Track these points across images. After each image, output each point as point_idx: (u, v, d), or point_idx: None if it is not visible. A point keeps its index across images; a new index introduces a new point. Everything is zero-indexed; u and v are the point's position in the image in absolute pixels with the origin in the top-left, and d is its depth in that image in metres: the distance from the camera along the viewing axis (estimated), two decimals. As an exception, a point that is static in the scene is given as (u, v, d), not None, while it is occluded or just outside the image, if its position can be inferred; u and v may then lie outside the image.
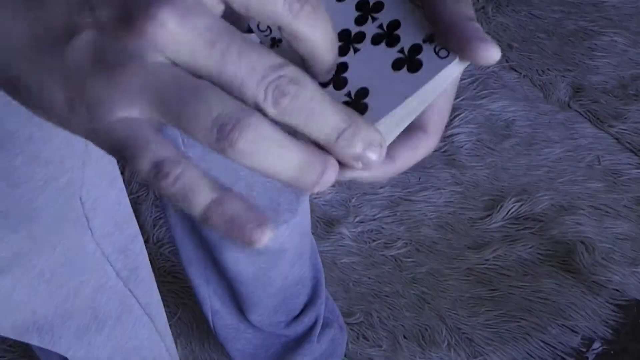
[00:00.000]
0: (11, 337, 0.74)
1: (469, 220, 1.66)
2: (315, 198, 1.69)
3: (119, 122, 0.31)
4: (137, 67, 0.30)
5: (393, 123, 0.37)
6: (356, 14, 0.39)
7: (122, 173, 1.67)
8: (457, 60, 0.36)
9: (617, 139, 1.80)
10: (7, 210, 0.60)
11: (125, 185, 0.76)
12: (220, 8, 0.32)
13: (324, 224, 1.65)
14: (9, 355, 1.43)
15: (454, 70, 0.37)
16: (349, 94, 0.37)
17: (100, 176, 0.70)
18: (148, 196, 1.69)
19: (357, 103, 0.37)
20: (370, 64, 0.38)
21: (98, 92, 0.31)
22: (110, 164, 0.72)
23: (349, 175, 0.37)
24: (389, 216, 1.67)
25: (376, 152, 0.34)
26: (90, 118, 0.31)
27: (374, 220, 1.66)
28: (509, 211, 1.65)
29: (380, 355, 1.44)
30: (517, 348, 1.44)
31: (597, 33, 2.08)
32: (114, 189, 0.73)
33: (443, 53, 0.36)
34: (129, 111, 0.31)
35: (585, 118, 1.86)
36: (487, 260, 1.57)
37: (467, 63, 0.37)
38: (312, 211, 1.62)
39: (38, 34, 0.32)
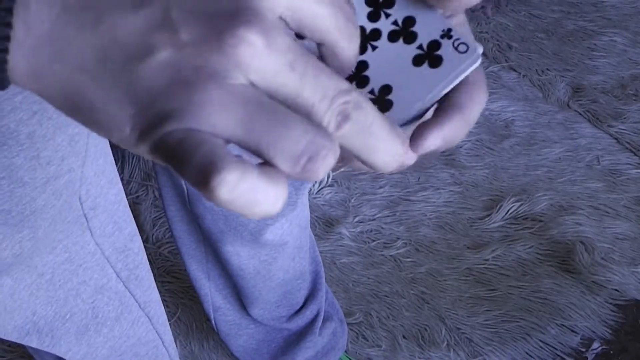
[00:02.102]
0: (12, 339, 0.74)
1: (468, 220, 1.66)
2: (315, 198, 1.69)
3: (181, 130, 0.30)
4: (217, 85, 0.30)
5: (413, 115, 0.38)
6: (368, 9, 0.39)
7: (121, 172, 1.66)
8: (477, 54, 0.37)
9: (616, 138, 1.80)
10: (10, 209, 0.60)
11: (125, 185, 0.76)
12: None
13: (323, 224, 1.65)
14: (9, 355, 1.43)
15: (473, 62, 0.37)
16: (372, 92, 0.38)
17: (99, 175, 0.70)
18: (147, 196, 1.69)
19: (382, 100, 0.37)
20: (390, 61, 0.38)
21: (171, 105, 0.30)
22: (108, 163, 0.72)
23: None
24: (388, 216, 1.67)
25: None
26: (155, 131, 0.30)
27: (374, 220, 1.66)
28: (508, 211, 1.65)
29: (380, 355, 1.44)
30: (517, 348, 1.44)
31: (596, 33, 2.08)
32: (113, 188, 0.73)
33: (462, 48, 0.37)
34: (201, 126, 0.30)
35: (585, 118, 1.86)
36: (486, 260, 1.57)
37: (480, 57, 0.37)
38: (311, 211, 1.63)
39: (106, 50, 0.31)
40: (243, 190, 0.29)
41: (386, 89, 0.37)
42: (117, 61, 0.31)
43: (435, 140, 0.37)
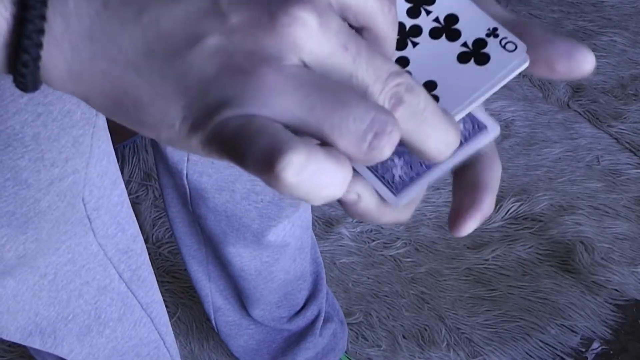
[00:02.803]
0: (14, 340, 0.74)
1: (468, 220, 1.66)
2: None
3: (239, 117, 0.29)
4: (273, 68, 0.29)
5: (460, 115, 0.36)
6: (407, 5, 0.37)
7: (121, 172, 1.66)
8: (525, 54, 0.35)
9: (616, 138, 1.80)
10: (14, 211, 0.60)
11: (125, 185, 0.76)
12: None
13: (323, 223, 1.65)
14: (9, 355, 1.43)
15: (522, 62, 0.35)
16: None
17: (102, 176, 0.70)
18: (147, 196, 1.69)
19: None
20: (433, 58, 0.36)
21: (226, 92, 0.29)
22: (111, 164, 0.72)
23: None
24: (388, 216, 1.67)
25: None
26: (210, 120, 0.29)
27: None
28: (508, 211, 1.65)
29: (380, 355, 1.44)
30: (517, 348, 1.44)
31: (596, 33, 2.08)
32: (116, 189, 0.73)
33: (510, 46, 0.35)
34: (260, 111, 0.29)
35: (585, 118, 1.86)
36: (486, 260, 1.57)
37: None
38: (311, 211, 1.63)
39: (152, 43, 0.29)
40: (310, 173, 0.28)
41: (431, 84, 0.36)
42: (164, 53, 0.29)
43: (475, 222, 0.37)
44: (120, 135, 1.72)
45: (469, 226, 0.37)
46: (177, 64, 0.29)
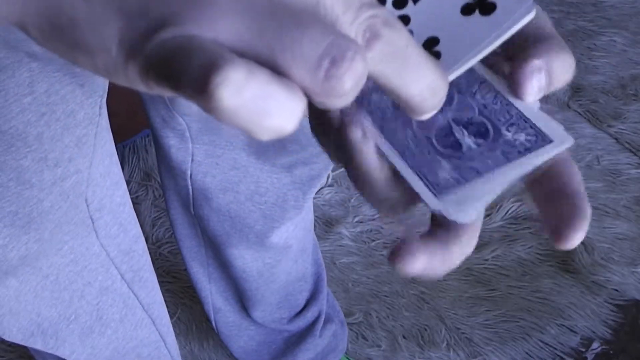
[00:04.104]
0: (16, 341, 0.74)
1: (468, 220, 1.65)
2: (315, 198, 1.69)
3: (178, 37, 0.25)
4: None
5: (462, 68, 0.33)
6: None
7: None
8: (532, 1, 0.32)
9: (616, 138, 1.80)
10: (17, 211, 0.60)
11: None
12: None
13: (323, 224, 1.65)
14: (9, 355, 1.43)
15: (529, 11, 0.32)
16: None
17: (104, 177, 0.69)
18: (147, 196, 1.69)
19: (428, 52, 0.32)
20: (435, 13, 0.33)
21: (167, 10, 0.26)
22: (114, 164, 0.72)
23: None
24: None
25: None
26: (148, 41, 0.26)
27: (373, 220, 1.66)
28: (508, 211, 1.65)
29: (380, 355, 1.44)
30: (516, 348, 1.44)
31: (596, 33, 2.08)
32: (118, 189, 0.73)
33: None
34: (203, 32, 0.25)
35: (585, 118, 1.86)
36: (486, 260, 1.57)
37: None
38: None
39: None
40: (251, 95, 0.24)
41: (432, 41, 0.33)
42: None
43: (583, 232, 0.33)
44: (120, 135, 1.72)
45: (578, 237, 0.34)
46: None
